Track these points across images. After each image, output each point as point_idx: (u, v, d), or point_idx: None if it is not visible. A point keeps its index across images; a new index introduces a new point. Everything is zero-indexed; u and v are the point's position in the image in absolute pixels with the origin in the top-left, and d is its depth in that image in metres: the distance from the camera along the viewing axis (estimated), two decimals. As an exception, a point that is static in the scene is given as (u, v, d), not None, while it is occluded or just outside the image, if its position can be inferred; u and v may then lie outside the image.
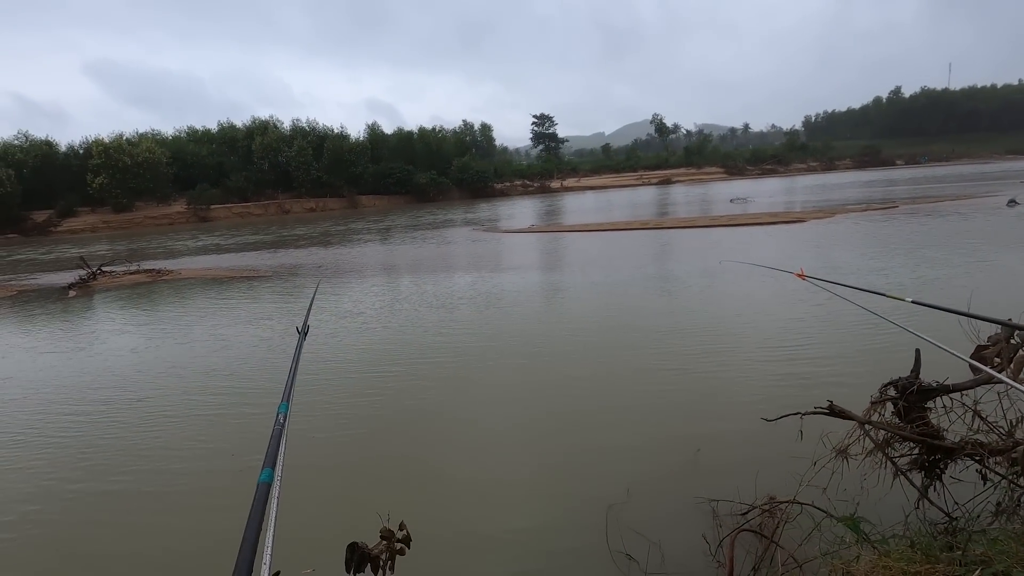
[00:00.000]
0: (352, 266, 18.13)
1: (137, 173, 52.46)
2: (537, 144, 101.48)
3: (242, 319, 11.01)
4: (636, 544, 3.57)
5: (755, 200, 33.58)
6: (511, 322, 9.42)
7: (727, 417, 5.30)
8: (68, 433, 5.97)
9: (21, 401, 7.10)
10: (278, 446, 1.28)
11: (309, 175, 58.99)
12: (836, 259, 13.09)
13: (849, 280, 9.77)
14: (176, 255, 25.29)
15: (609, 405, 5.81)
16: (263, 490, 1.08)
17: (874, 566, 1.76)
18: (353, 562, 2.19)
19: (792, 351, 6.96)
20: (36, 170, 51.61)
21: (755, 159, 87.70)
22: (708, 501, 3.88)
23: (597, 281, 12.52)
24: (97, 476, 4.99)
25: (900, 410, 3.02)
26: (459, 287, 12.78)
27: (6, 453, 5.57)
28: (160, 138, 61.01)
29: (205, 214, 52.40)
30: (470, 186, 65.02)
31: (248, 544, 0.91)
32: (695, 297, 10.30)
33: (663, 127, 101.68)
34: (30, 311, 13.92)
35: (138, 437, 5.75)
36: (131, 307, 13.68)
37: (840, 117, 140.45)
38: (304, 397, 6.23)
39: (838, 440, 3.23)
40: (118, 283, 17.45)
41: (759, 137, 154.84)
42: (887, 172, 65.91)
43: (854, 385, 5.43)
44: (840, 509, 3.21)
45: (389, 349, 8.27)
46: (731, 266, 11.62)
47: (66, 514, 4.44)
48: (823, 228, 19.29)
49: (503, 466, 4.83)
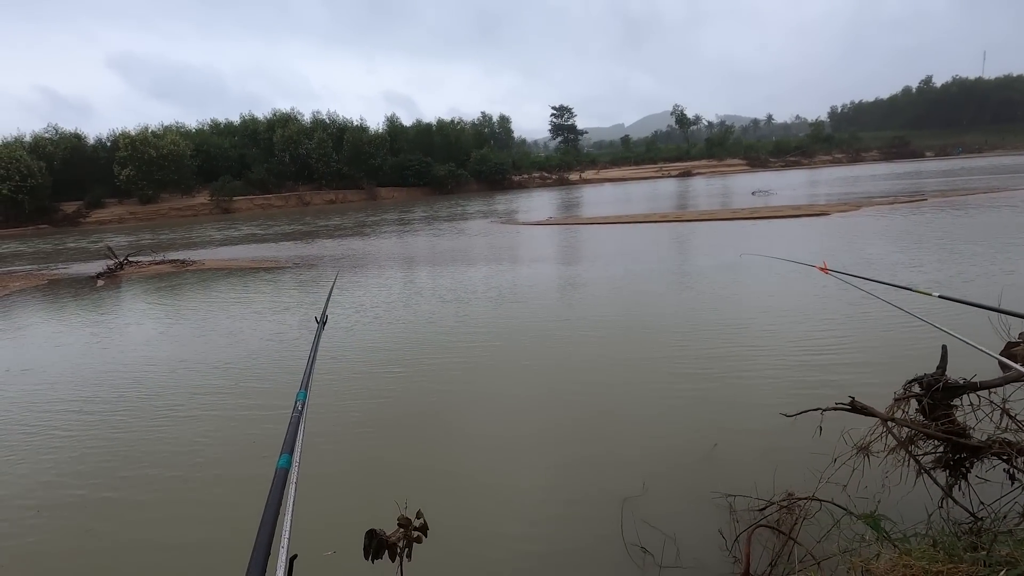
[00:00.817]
0: (370, 258, 18.28)
1: (162, 165, 53.47)
2: (556, 136, 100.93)
3: (262, 309, 11.20)
4: (651, 537, 3.56)
5: (777, 193, 32.97)
6: (527, 316, 9.42)
7: (745, 412, 5.24)
8: (91, 420, 6.15)
9: (51, 386, 7.32)
10: (296, 433, 1.30)
11: (329, 167, 59.54)
12: (861, 253, 12.80)
13: (874, 274, 9.57)
14: (200, 246, 25.77)
15: (625, 399, 5.79)
16: (281, 475, 1.10)
17: (895, 564, 1.72)
18: (371, 548, 2.23)
19: (813, 346, 6.85)
20: (66, 162, 52.93)
21: (778, 151, 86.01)
22: (725, 496, 3.85)
23: (614, 274, 12.44)
24: (121, 461, 5.13)
25: (925, 407, 2.96)
26: (475, 280, 12.80)
27: (38, 442, 5.76)
28: (184, 131, 62.00)
29: (228, 206, 53.24)
30: (488, 178, 64.99)
31: (266, 527, 0.93)
32: (713, 291, 10.17)
33: (684, 118, 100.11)
34: (60, 300, 14.33)
35: (159, 423, 5.89)
36: (157, 297, 13.99)
37: (867, 108, 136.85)
38: (320, 387, 6.33)
39: (859, 437, 3.17)
40: (144, 273, 17.86)
41: (783, 128, 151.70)
42: (916, 164, 64.19)
43: (876, 382, 5.32)
44: (860, 507, 3.16)
45: (405, 341, 8.34)
46: (751, 260, 11.45)
47: (89, 499, 4.58)
48: (848, 221, 18.87)
49: (518, 458, 4.85)
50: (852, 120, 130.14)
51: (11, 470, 5.09)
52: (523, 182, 68.30)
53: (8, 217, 48.21)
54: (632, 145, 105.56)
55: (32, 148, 51.91)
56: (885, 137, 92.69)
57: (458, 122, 74.93)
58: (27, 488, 4.74)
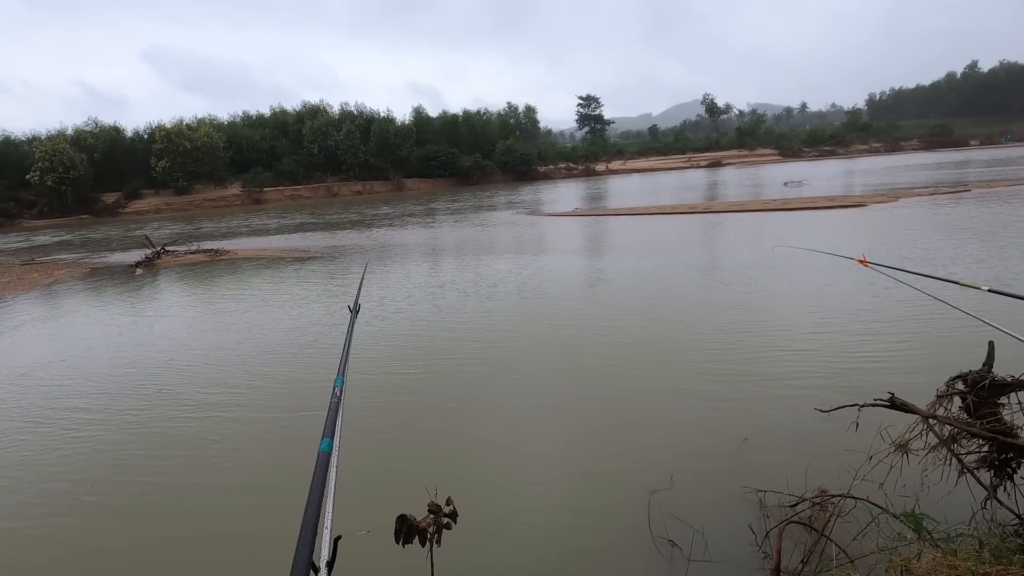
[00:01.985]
0: (397, 248, 18.46)
1: (196, 157, 54.89)
2: (582, 126, 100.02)
3: (293, 298, 11.42)
4: (679, 530, 3.54)
5: (811, 183, 32.07)
6: (553, 308, 9.40)
7: (777, 407, 5.15)
8: (128, 403, 6.38)
9: (100, 360, 7.63)
10: (336, 418, 1.32)
11: (357, 158, 60.23)
12: (900, 245, 12.37)
13: (914, 268, 9.27)
14: (232, 236, 26.40)
15: (652, 392, 5.74)
16: (324, 459, 1.12)
17: (937, 564, 1.67)
18: (402, 533, 2.27)
19: (849, 341, 6.67)
20: (105, 154, 54.79)
21: (812, 140, 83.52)
22: (755, 491, 3.80)
23: (641, 266, 12.31)
24: (161, 448, 5.33)
25: (969, 405, 2.85)
26: (500, 272, 12.82)
27: (94, 426, 6.01)
28: (217, 123, 63.42)
29: (259, 196, 54.38)
30: (514, 169, 64.83)
31: (312, 508, 0.95)
32: (744, 283, 9.97)
33: (714, 107, 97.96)
34: (101, 288, 14.89)
35: (192, 411, 6.09)
36: (192, 285, 14.42)
37: (908, 95, 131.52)
38: (350, 376, 6.44)
39: (897, 434, 3.08)
40: (180, 262, 18.39)
41: (818, 117, 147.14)
42: (960, 153, 61.57)
43: (916, 379, 5.16)
44: (897, 506, 3.08)
45: (429, 333, 8.41)
46: (785, 251, 11.20)
47: (127, 482, 4.77)
48: (886, 213, 18.25)
49: (545, 450, 4.87)
50: (891, 108, 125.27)
51: (70, 446, 5.33)
52: (549, 173, 67.91)
53: (52, 208, 50.19)
54: (660, 135, 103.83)
55: (74, 141, 53.85)
56: (926, 125, 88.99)
57: (484, 113, 74.79)
58: (80, 469, 4.97)
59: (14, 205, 50.13)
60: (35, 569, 3.74)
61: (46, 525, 4.14)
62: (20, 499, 4.50)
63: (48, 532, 4.06)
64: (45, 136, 54.22)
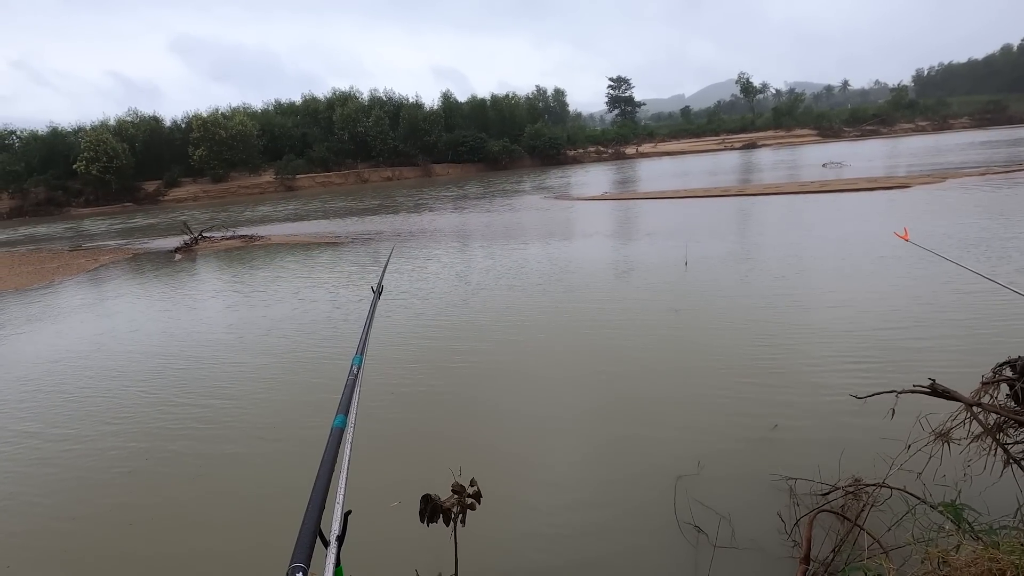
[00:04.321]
0: (425, 234, 18.57)
1: (231, 145, 56.21)
2: (612, 108, 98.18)
3: (324, 281, 11.64)
4: (706, 517, 3.49)
5: (851, 164, 30.81)
6: (580, 292, 9.32)
7: (810, 393, 5.00)
8: (158, 385, 6.63)
9: (145, 347, 7.94)
10: (351, 395, 1.32)
11: (386, 144, 60.63)
12: (947, 228, 11.80)
13: (963, 252, 8.84)
14: (266, 222, 27.01)
15: (681, 377, 5.65)
16: (336, 434, 1.12)
17: (978, 557, 1.59)
18: (427, 512, 2.30)
19: (887, 324, 6.41)
20: (146, 143, 56.60)
21: (854, 120, 79.96)
22: (785, 479, 3.71)
23: (669, 250, 12.08)
24: (190, 426, 5.52)
25: (1018, 392, 2.71)
26: (528, 256, 12.78)
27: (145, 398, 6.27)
28: (250, 111, 64.61)
29: (291, 183, 55.41)
30: (542, 153, 64.27)
31: (321, 482, 0.96)
32: (779, 266, 9.67)
33: (749, 87, 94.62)
34: (143, 272, 15.46)
35: (220, 389, 6.28)
36: (228, 270, 14.83)
37: (959, 70, 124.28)
38: (372, 355, 6.53)
39: (938, 423, 2.95)
40: (217, 248, 18.93)
41: (860, 95, 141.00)
42: (1014, 131, 58.16)
43: (958, 366, 4.94)
44: (936, 496, 2.95)
45: (455, 316, 8.45)
46: (822, 233, 10.83)
47: (157, 463, 4.96)
48: (932, 194, 17.41)
49: (571, 435, 4.85)
50: (940, 85, 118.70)
51: (124, 427, 5.58)
52: (578, 157, 67.08)
53: (98, 196, 52.27)
54: (693, 116, 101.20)
55: (116, 131, 55.71)
56: (978, 102, 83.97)
57: (512, 96, 74.02)
58: (143, 434, 5.20)
59: (62, 194, 52.40)
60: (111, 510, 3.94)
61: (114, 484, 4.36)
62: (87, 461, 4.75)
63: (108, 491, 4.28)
64: (90, 127, 56.27)
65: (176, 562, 3.60)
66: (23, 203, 51.40)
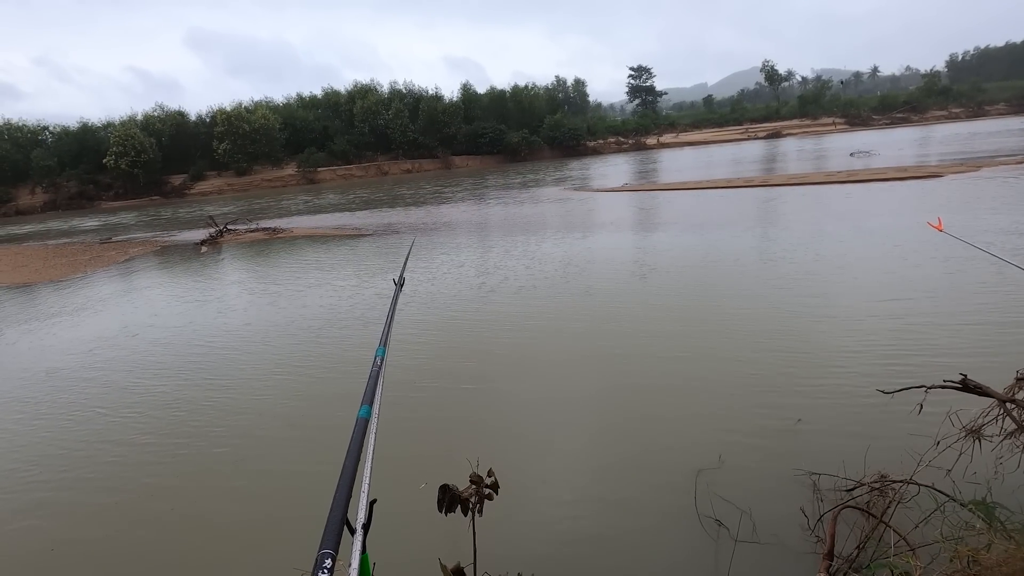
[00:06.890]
0: (445, 226, 18.64)
1: (254, 139, 57.04)
2: (633, 98, 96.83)
3: (346, 274, 11.78)
4: (727, 511, 3.46)
5: (880, 153, 29.97)
6: (601, 283, 9.27)
7: (835, 387, 4.91)
8: (180, 374, 6.80)
9: (169, 339, 8.16)
10: (376, 386, 1.34)
11: (406, 137, 60.88)
12: (982, 218, 11.41)
13: (1002, 243, 8.56)
14: (288, 214, 27.39)
15: (703, 370, 5.59)
16: (361, 424, 1.15)
17: (1010, 556, 1.56)
18: (445, 502, 2.33)
19: (917, 318, 6.26)
20: (172, 137, 57.77)
21: (883, 107, 77.53)
22: (808, 474, 3.67)
23: (690, 243, 11.93)
24: (216, 412, 5.66)
25: (1053, 389, 2.62)
26: (547, 249, 12.74)
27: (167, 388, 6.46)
28: (272, 105, 65.38)
29: (312, 176, 56.07)
30: (562, 144, 63.86)
31: (347, 472, 0.98)
32: (805, 259, 9.47)
33: (774, 74, 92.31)
34: (171, 264, 15.83)
35: (245, 381, 6.42)
36: (252, 262, 15.10)
37: (995, 54, 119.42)
38: (393, 347, 6.60)
39: (968, 419, 2.88)
40: (240, 240, 19.28)
41: (890, 82, 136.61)
42: (1054, 117, 55.85)
43: (991, 362, 4.81)
44: (966, 494, 2.89)
45: (475, 308, 8.48)
46: (849, 222, 10.57)
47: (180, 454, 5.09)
48: (966, 184, 16.84)
49: (591, 428, 4.85)
50: (976, 69, 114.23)
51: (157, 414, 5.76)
52: (598, 148, 66.46)
53: (126, 189, 53.64)
54: (716, 105, 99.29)
55: (143, 126, 56.94)
56: (1016, 87, 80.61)
57: (531, 87, 73.51)
58: (178, 422, 5.36)
59: (93, 188, 53.92)
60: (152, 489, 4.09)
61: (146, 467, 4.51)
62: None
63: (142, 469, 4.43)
64: (118, 122, 57.61)
65: (215, 538, 3.71)
66: (56, 197, 53.06)
